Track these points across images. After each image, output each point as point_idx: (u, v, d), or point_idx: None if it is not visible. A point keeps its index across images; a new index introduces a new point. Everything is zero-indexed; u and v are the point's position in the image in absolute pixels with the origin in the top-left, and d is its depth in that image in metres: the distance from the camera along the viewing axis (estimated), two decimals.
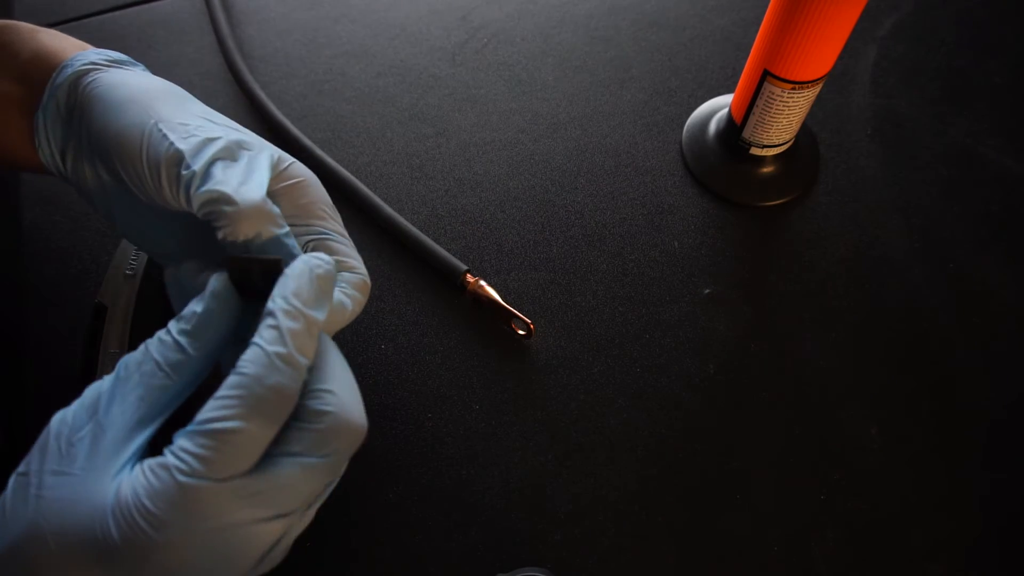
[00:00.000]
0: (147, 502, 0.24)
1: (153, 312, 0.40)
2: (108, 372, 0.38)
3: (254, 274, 0.28)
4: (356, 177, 0.48)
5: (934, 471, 0.40)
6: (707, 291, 0.45)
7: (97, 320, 0.39)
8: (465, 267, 0.43)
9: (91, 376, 0.38)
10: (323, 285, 0.28)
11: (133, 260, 0.41)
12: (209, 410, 0.25)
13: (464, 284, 0.43)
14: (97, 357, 0.38)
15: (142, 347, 0.27)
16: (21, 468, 0.26)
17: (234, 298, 0.28)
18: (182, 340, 0.27)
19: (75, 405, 0.27)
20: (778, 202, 0.48)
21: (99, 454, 0.25)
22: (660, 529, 0.39)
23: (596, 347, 0.43)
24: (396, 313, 0.44)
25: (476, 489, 0.39)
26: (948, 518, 0.39)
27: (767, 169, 0.48)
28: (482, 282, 0.43)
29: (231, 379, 0.25)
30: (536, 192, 0.49)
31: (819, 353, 0.43)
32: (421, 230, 0.47)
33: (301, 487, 0.26)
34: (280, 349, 0.26)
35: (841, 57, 0.52)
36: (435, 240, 0.46)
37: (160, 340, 0.27)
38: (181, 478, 0.24)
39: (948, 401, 0.42)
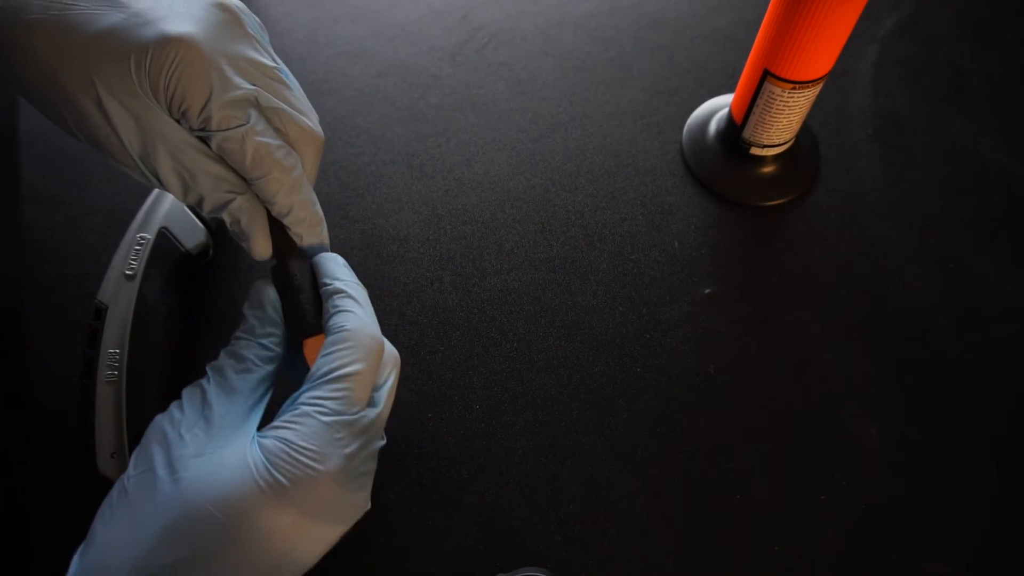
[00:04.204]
0: (305, 443, 0.27)
1: (153, 312, 0.40)
2: (107, 372, 0.38)
3: (292, 267, 0.33)
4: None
5: (934, 471, 0.40)
6: (707, 291, 0.45)
7: (97, 320, 0.39)
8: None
9: (91, 376, 0.38)
10: (347, 266, 0.34)
11: (133, 260, 0.41)
12: (328, 363, 0.30)
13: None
14: (97, 357, 0.38)
15: (223, 353, 0.31)
16: (136, 470, 0.28)
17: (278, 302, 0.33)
18: (263, 340, 0.32)
19: (173, 407, 0.30)
20: (778, 202, 0.48)
21: (225, 432, 0.28)
22: (660, 529, 0.39)
23: (596, 347, 0.43)
24: (396, 313, 0.44)
25: (476, 489, 0.39)
26: (948, 518, 0.39)
27: (767, 169, 0.48)
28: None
29: (335, 337, 0.30)
30: (536, 192, 0.49)
31: (819, 353, 0.43)
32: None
33: (387, 412, 0.32)
34: (364, 309, 0.32)
35: (841, 57, 0.52)
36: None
37: (245, 341, 0.32)
38: (326, 419, 0.28)
39: (948, 401, 0.42)
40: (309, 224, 0.33)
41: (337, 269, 0.33)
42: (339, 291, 0.32)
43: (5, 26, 0.27)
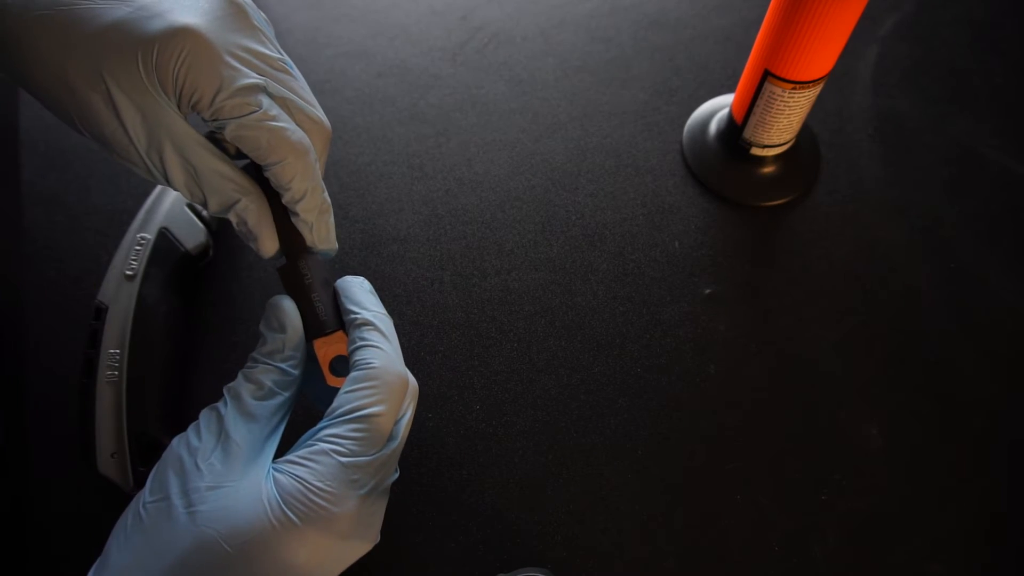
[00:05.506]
0: (320, 483, 0.27)
1: (153, 312, 0.40)
2: (108, 372, 0.38)
3: (302, 266, 0.33)
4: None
5: (934, 471, 0.40)
6: (707, 291, 0.45)
7: (97, 320, 0.39)
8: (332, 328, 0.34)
9: (91, 376, 0.38)
10: (373, 293, 0.34)
11: (133, 260, 0.41)
12: (350, 401, 0.29)
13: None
14: (97, 357, 0.38)
15: (241, 376, 0.31)
16: (152, 496, 0.28)
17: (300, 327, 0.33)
18: (282, 365, 0.31)
19: (190, 431, 0.30)
20: (778, 202, 0.48)
21: (242, 463, 0.28)
22: (660, 529, 0.39)
23: (596, 347, 0.43)
24: (396, 313, 0.44)
25: (476, 489, 0.39)
26: (948, 518, 0.39)
27: (767, 169, 0.48)
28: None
29: (360, 373, 0.30)
30: (536, 192, 0.49)
31: (819, 353, 0.43)
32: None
33: (403, 446, 0.31)
34: (391, 344, 0.32)
35: (842, 57, 0.52)
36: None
37: (264, 365, 0.31)
38: (343, 459, 0.28)
39: (948, 401, 0.42)
40: (320, 211, 0.32)
41: (363, 296, 0.33)
42: (367, 323, 0.32)
43: (12, 22, 0.27)
